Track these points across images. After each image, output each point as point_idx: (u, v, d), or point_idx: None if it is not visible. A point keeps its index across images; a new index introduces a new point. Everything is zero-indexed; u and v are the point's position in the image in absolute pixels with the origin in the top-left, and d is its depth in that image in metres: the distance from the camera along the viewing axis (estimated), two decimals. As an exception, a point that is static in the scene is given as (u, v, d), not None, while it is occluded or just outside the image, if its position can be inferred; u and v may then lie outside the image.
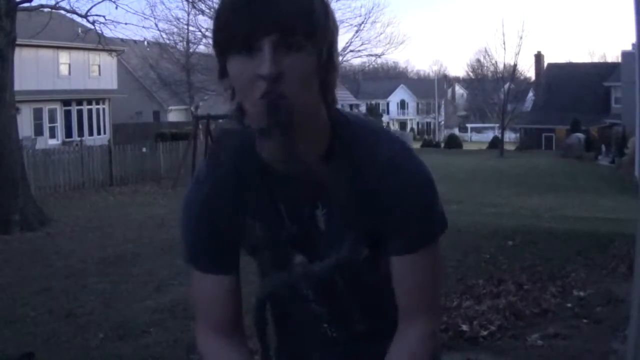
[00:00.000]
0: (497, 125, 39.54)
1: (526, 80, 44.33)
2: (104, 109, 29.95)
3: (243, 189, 1.13)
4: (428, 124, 65.16)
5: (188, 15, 25.51)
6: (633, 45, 20.16)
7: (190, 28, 26.28)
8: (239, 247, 1.19)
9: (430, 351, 1.19)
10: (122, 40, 24.49)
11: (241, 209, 1.14)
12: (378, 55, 26.96)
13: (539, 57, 44.46)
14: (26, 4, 11.07)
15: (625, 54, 28.22)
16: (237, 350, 1.21)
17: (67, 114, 27.84)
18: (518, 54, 36.30)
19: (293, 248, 1.15)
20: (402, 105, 66.57)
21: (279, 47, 0.95)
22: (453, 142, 42.99)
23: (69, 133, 27.62)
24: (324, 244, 1.13)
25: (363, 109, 50.26)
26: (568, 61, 53.19)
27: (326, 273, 1.15)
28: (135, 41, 29.96)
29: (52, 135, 26.71)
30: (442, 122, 65.83)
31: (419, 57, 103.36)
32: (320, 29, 0.99)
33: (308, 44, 0.97)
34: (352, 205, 1.10)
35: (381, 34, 35.44)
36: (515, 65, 36.74)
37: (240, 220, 1.14)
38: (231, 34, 0.97)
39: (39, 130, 25.57)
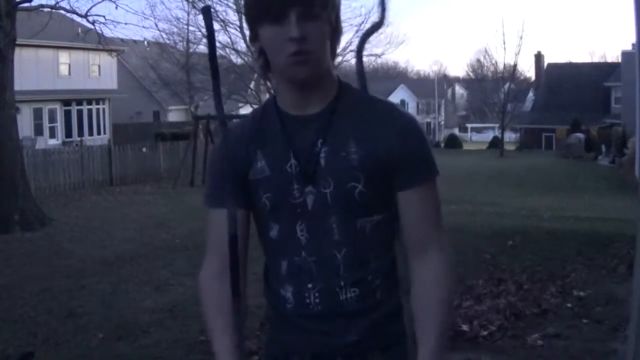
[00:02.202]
0: (497, 125, 39.51)
1: (526, 80, 44.35)
2: (104, 109, 29.94)
3: (260, 133, 1.38)
4: (428, 124, 64.96)
5: (188, 15, 25.43)
6: (633, 45, 20.18)
7: (190, 28, 26.15)
8: (248, 186, 1.37)
9: (451, 282, 1.36)
10: (122, 40, 24.47)
11: (252, 149, 1.36)
12: (378, 55, 26.76)
13: (539, 57, 44.46)
14: (26, 4, 11.05)
15: (625, 54, 28.21)
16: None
17: (67, 114, 27.82)
18: (518, 54, 36.34)
19: (298, 182, 1.33)
20: (402, 105, 65.77)
21: (301, 16, 1.23)
22: (453, 142, 43.00)
23: (69, 133, 27.59)
24: (324, 178, 1.32)
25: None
26: (568, 61, 53.15)
27: (324, 202, 1.32)
28: (135, 41, 29.95)
29: (52, 135, 26.69)
30: (442, 122, 65.73)
31: (419, 57, 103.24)
32: (330, 1, 1.29)
33: (323, 14, 1.26)
34: (352, 145, 1.32)
35: (381, 33, 35.25)
36: (515, 65, 36.80)
37: (252, 158, 1.36)
38: (264, 7, 1.26)
39: (39, 130, 25.55)
